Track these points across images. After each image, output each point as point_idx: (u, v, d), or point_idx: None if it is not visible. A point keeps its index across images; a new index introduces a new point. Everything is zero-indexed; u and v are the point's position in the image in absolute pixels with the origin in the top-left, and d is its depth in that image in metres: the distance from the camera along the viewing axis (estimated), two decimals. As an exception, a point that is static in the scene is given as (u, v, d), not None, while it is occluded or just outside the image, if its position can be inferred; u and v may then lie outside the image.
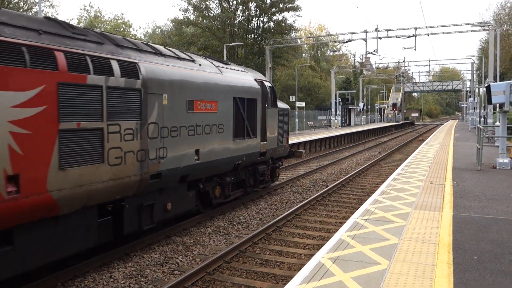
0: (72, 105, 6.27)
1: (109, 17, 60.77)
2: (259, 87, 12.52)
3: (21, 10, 38.88)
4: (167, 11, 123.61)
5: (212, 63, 10.94)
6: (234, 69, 11.97)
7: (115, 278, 7.08)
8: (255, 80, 12.62)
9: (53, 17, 8.69)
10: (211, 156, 9.94)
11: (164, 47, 9.74)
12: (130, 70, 7.43)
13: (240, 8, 50.34)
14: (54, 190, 5.97)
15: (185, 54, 10.15)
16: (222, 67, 11.27)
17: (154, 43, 9.49)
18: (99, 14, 58.82)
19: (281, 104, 14.45)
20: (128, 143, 7.33)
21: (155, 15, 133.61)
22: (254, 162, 12.51)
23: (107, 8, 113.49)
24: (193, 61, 9.89)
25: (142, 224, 8.07)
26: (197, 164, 9.40)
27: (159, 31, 71.37)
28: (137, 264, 7.71)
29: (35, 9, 40.80)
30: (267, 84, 13.27)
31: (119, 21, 59.68)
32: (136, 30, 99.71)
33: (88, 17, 57.48)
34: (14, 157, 5.44)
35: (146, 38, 72.55)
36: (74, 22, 58.39)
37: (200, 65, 10.04)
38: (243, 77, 11.97)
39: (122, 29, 59.01)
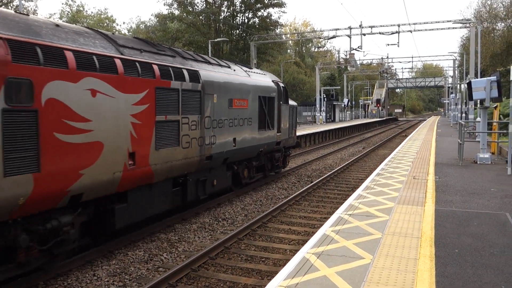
0: (162, 103, 8.63)
1: (92, 12, 59.84)
2: (275, 87, 14.95)
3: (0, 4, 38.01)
4: (151, 6, 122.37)
5: (241, 68, 13.49)
6: (257, 72, 14.53)
7: (98, 276, 7.01)
8: (272, 81, 15.06)
9: (139, 37, 12.02)
10: (243, 143, 12.45)
11: (209, 57, 12.21)
12: (194, 76, 9.87)
13: (225, 4, 50.14)
14: (152, 164, 8.38)
15: (224, 62, 12.84)
16: (248, 71, 13.80)
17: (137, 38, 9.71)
18: (82, 9, 57.90)
19: (291, 101, 16.82)
20: (193, 131, 9.78)
21: (139, 10, 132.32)
22: (272, 150, 14.97)
23: (89, 3, 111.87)
24: (229, 67, 12.35)
25: (198, 194, 10.56)
26: (234, 150, 11.92)
27: (143, 26, 70.66)
28: (121, 261, 7.65)
29: (16, 2, 39.98)
30: (281, 84, 15.71)
31: (102, 16, 58.84)
32: (120, 25, 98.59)
33: (70, 11, 56.56)
34: (133, 140, 7.84)
35: (130, 33, 71.77)
36: (56, 17, 57.44)
37: (234, 70, 12.51)
38: (264, 79, 14.41)
39: (106, 24, 58.19)
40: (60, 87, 6.42)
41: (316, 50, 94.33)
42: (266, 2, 49.74)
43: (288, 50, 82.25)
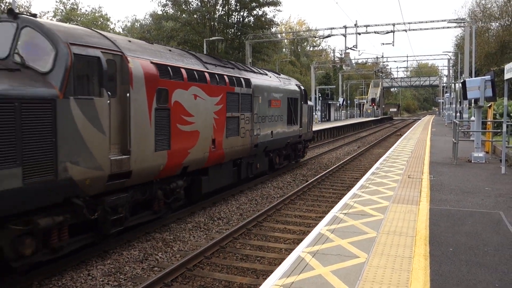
0: (230, 103, 11.81)
1: (86, 10, 59.49)
2: (298, 90, 18.17)
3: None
4: (146, 4, 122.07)
5: (274, 74, 16.81)
6: (284, 78, 17.73)
7: (93, 275, 6.99)
8: (296, 85, 18.32)
9: (210, 54, 16.42)
10: (277, 135, 15.67)
11: (252, 67, 16.08)
12: (247, 83, 13.08)
13: (220, 2, 50.03)
14: (224, 148, 11.54)
15: (262, 70, 16.13)
16: (279, 77, 17.05)
17: (129, 37, 9.96)
18: (76, 7, 57.54)
19: (309, 102, 20.01)
20: (247, 125, 12.96)
21: (133, 8, 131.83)
22: (295, 141, 18.14)
23: (84, 1, 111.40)
24: (266, 74, 15.63)
25: (248, 174, 13.80)
26: (271, 140, 15.13)
27: (138, 25, 70.40)
28: (116, 261, 7.63)
29: None
30: (302, 87, 18.94)
31: (96, 15, 58.48)
32: (115, 24, 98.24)
33: (64, 9, 56.17)
34: (214, 130, 10.98)
35: (125, 32, 71.49)
36: (49, 15, 57.11)
37: (270, 77, 15.76)
38: (290, 83, 17.69)
39: (100, 22, 57.87)
40: (180, 93, 9.49)
41: (311, 49, 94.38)
42: (261, 1, 49.67)
43: (284, 49, 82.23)
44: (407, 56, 78.41)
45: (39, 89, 6.38)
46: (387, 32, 36.76)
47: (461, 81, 21.84)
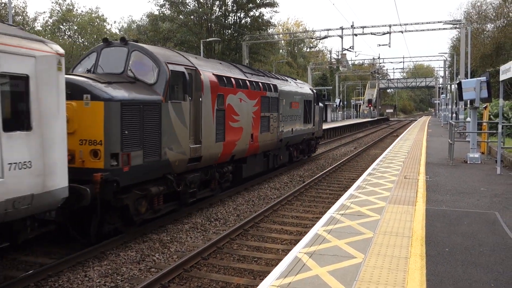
0: (263, 105, 14.42)
1: (82, 11, 59.27)
2: (312, 93, 20.94)
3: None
4: (142, 5, 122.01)
5: (292, 80, 19.91)
6: (300, 82, 20.86)
7: (90, 277, 6.98)
8: (310, 88, 21.36)
9: (246, 64, 20.32)
10: (296, 132, 18.31)
11: (276, 74, 19.90)
12: (275, 88, 15.75)
13: (216, 4, 50.05)
14: (259, 141, 14.10)
15: (283, 76, 19.22)
16: (296, 82, 20.11)
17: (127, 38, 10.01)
18: (72, 8, 57.34)
19: (320, 103, 22.91)
20: (274, 123, 15.56)
21: (130, 9, 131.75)
22: (309, 138, 20.83)
23: (80, 1, 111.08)
24: (287, 80, 18.46)
25: (274, 164, 16.37)
26: (292, 136, 17.79)
27: (134, 26, 70.26)
28: (113, 262, 7.62)
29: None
30: (314, 91, 21.84)
31: (93, 15, 58.29)
32: (111, 25, 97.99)
33: (60, 10, 55.97)
34: (252, 127, 13.54)
35: (122, 33, 71.34)
36: (45, 16, 56.97)
37: (290, 82, 18.60)
38: (305, 87, 20.69)
39: (96, 23, 57.70)
40: (231, 97, 12.18)
41: (308, 50, 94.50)
42: (258, 2, 49.73)
43: (280, 50, 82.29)
44: (403, 57, 78.42)
45: (151, 96, 8.90)
46: (384, 33, 36.86)
47: (457, 82, 21.93)
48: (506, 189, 10.46)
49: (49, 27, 54.46)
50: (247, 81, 13.46)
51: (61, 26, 53.18)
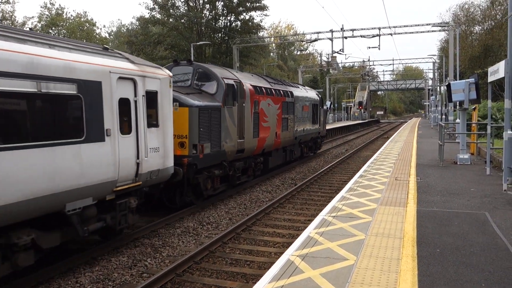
0: (284, 108, 17.55)
1: (71, 15, 58.87)
2: (318, 97, 24.22)
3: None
4: (132, 9, 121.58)
5: (302, 86, 23.72)
6: (308, 89, 24.38)
7: (81, 283, 6.92)
8: (316, 93, 24.57)
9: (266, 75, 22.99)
10: (307, 131, 21.64)
11: (290, 82, 23.82)
12: (291, 94, 18.91)
13: (207, 7, 50.03)
14: (281, 138, 17.33)
15: (295, 84, 22.59)
16: (305, 88, 23.62)
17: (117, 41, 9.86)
18: (61, 12, 56.89)
19: (325, 106, 27.41)
20: (291, 123, 18.58)
21: (119, 13, 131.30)
22: (316, 136, 24.12)
23: (69, 6, 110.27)
24: (298, 87, 21.69)
25: (290, 158, 19.59)
26: (303, 135, 21.05)
27: (124, 29, 69.99)
28: (104, 268, 7.56)
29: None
30: (319, 96, 24.99)
31: (82, 20, 57.97)
32: (101, 29, 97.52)
33: (49, 15, 55.52)
34: (277, 126, 16.80)
35: (112, 37, 71.02)
36: (34, 21, 56.53)
37: (301, 88, 21.99)
38: (312, 93, 24.06)
39: (86, 27, 57.39)
40: (262, 103, 15.29)
41: (298, 53, 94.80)
42: (248, 5, 49.79)
43: (271, 53, 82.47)
44: (393, 60, 79.07)
45: (214, 103, 12.18)
46: (373, 36, 37.14)
47: (446, 84, 22.12)
48: (495, 189, 10.56)
49: (38, 31, 54.04)
50: (272, 89, 16.86)
51: (50, 31, 52.76)
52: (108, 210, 8.05)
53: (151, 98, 9.04)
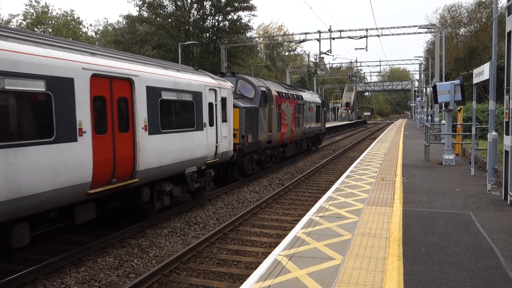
0: (296, 109, 22.21)
1: (57, 13, 58.11)
2: (320, 100, 29.39)
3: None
4: (118, 8, 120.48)
5: (307, 91, 28.27)
6: (312, 93, 29.45)
7: (67, 284, 6.85)
8: (318, 97, 29.80)
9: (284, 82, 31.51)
10: (312, 128, 26.07)
11: (298, 87, 30.88)
12: (301, 98, 23.67)
13: (194, 7, 49.87)
14: (294, 134, 22.10)
15: (303, 89, 28.42)
16: (310, 92, 28.52)
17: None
18: (47, 10, 56.17)
19: (325, 108, 32.06)
20: (301, 122, 23.33)
21: (106, 11, 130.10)
22: (318, 133, 28.89)
23: (55, 4, 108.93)
24: (305, 91, 26.66)
25: (300, 150, 24.28)
26: (310, 131, 25.51)
27: (111, 28, 69.36)
28: (90, 268, 7.49)
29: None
30: (321, 98, 30.53)
31: (68, 18, 57.29)
32: (87, 28, 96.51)
33: (34, 13, 54.78)
34: (292, 124, 21.41)
35: (98, 36, 70.34)
36: (19, 19, 55.75)
37: (306, 93, 26.72)
38: (315, 96, 28.99)
39: (72, 26, 56.74)
40: (283, 105, 19.79)
41: (287, 54, 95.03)
42: (236, 5, 49.78)
43: (259, 54, 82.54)
44: (380, 61, 79.84)
45: (254, 105, 16.25)
46: (361, 37, 37.43)
47: (432, 85, 22.37)
48: (480, 189, 10.71)
49: (24, 29, 53.25)
50: (289, 94, 21.39)
51: (36, 29, 52.06)
52: (201, 175, 12.21)
53: (223, 102, 13.40)
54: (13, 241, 6.58)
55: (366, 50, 39.99)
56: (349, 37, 37.75)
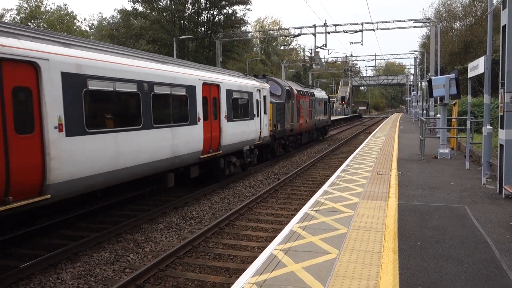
0: (310, 104, 27.66)
1: (51, 8, 57.59)
2: (326, 96, 34.44)
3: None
4: (113, 2, 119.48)
5: (317, 88, 34.62)
6: (320, 90, 34.93)
7: (62, 279, 6.83)
8: (325, 94, 34.71)
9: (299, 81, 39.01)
10: (320, 120, 31.21)
11: (309, 85, 44.46)
12: (313, 94, 29.34)
13: (189, 1, 49.61)
14: (308, 124, 27.11)
15: (314, 87, 35.43)
16: (319, 90, 34.24)
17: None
18: (41, 4, 55.67)
19: (330, 102, 36.91)
20: (313, 114, 28.59)
21: (100, 6, 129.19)
22: (325, 124, 33.40)
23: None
24: (315, 89, 32.76)
25: (311, 138, 29.44)
26: (319, 122, 30.86)
27: (106, 23, 68.88)
28: (86, 263, 7.48)
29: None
30: (327, 94, 35.75)
31: (62, 13, 56.80)
32: (81, 22, 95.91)
33: (28, 7, 54.29)
34: (307, 116, 26.66)
35: (92, 30, 69.88)
36: (13, 13, 55.25)
37: (316, 90, 32.50)
38: (323, 93, 34.33)
39: (66, 20, 56.29)
40: (301, 101, 24.89)
41: (282, 48, 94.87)
42: (231, -1, 49.57)
43: (255, 48, 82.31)
44: (375, 55, 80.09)
45: (281, 100, 21.18)
46: (356, 31, 37.41)
47: (427, 79, 22.41)
48: (475, 183, 10.77)
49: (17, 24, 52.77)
50: (305, 91, 26.12)
51: (29, 24, 51.62)
52: (251, 153, 16.60)
53: (264, 99, 17.65)
54: (168, 183, 11.29)
55: (362, 44, 40.05)
56: (344, 31, 37.74)
